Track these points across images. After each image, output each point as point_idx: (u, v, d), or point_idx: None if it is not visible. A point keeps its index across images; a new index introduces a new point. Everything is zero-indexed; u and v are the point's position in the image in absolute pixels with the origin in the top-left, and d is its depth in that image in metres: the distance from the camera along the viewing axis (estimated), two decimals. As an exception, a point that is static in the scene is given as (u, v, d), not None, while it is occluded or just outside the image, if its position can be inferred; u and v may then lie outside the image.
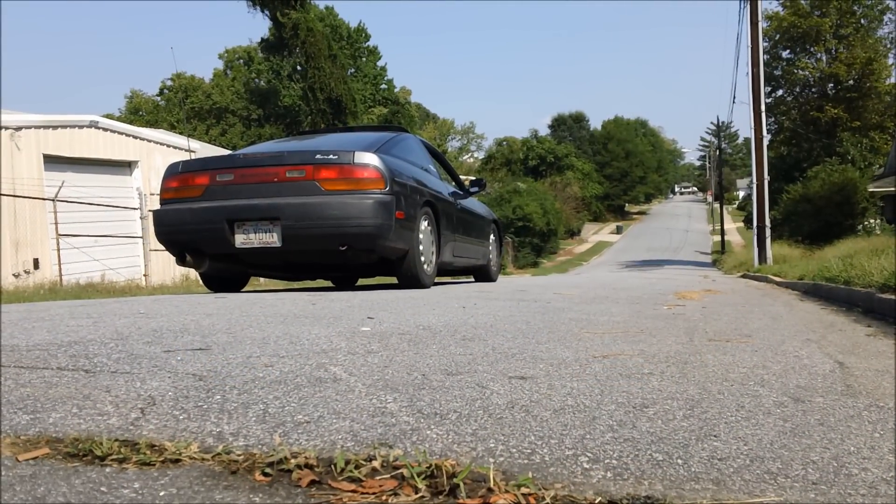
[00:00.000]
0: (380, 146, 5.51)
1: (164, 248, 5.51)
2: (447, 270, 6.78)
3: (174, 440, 1.36)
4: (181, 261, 5.49)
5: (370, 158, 4.99)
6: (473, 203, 7.29)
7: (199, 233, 5.08)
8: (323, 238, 4.93)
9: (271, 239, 4.93)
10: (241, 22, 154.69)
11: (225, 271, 5.68)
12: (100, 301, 5.00)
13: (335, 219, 4.84)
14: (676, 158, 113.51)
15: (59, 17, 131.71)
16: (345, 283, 6.29)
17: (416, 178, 5.60)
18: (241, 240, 4.99)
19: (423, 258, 5.56)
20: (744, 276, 12.63)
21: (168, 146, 15.36)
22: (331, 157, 4.98)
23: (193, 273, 14.66)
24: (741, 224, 53.88)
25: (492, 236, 7.77)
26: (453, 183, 7.15)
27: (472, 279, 8.10)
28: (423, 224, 5.56)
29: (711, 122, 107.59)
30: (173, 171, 5.35)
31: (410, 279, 5.57)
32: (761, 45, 15.10)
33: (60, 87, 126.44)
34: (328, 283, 7.78)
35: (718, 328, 3.36)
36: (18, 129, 11.81)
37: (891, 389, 1.98)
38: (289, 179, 4.94)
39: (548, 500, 1.12)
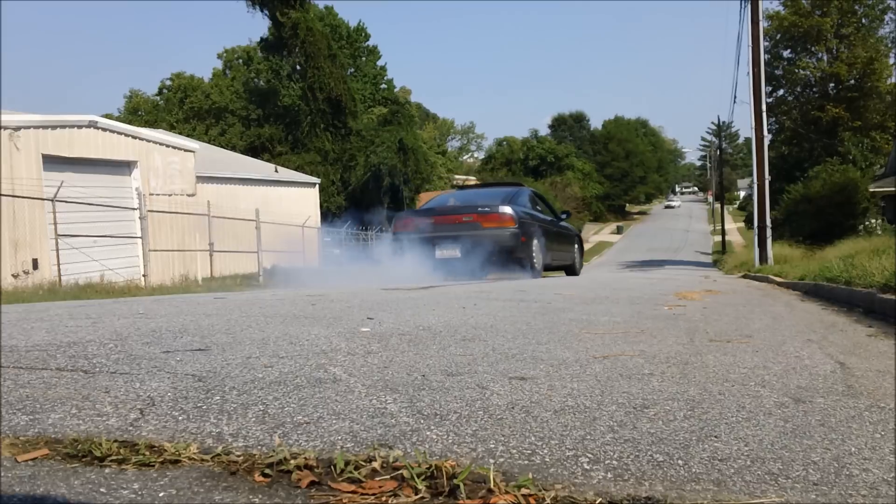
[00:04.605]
0: (510, 198, 9.08)
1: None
2: (549, 267, 9.93)
3: (173, 441, 1.36)
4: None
5: (506, 209, 8.62)
6: (564, 225, 11.16)
7: (421, 250, 8.78)
8: (485, 250, 8.39)
9: (455, 253, 8.57)
10: (241, 22, 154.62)
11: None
12: (99, 301, 5.00)
13: (489, 242, 8.39)
14: (677, 158, 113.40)
15: (59, 17, 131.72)
16: (477, 274, 9.22)
17: (530, 214, 9.23)
18: (439, 253, 8.67)
19: (535, 261, 8.94)
20: (744, 277, 12.62)
21: (167, 146, 15.35)
22: (486, 209, 8.67)
23: (192, 273, 14.69)
24: (742, 224, 53.87)
25: (575, 245, 11.50)
26: (550, 213, 10.71)
27: (564, 273, 11.45)
28: (535, 242, 8.97)
29: (712, 122, 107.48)
30: (402, 217, 9.71)
31: (529, 272, 8.75)
32: (762, 44, 15.05)
33: (60, 87, 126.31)
34: (329, 286, 7.98)
35: (719, 328, 3.36)
36: (17, 129, 11.80)
37: (892, 390, 1.97)
38: (464, 221, 8.69)
39: (548, 500, 1.12)
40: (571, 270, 11.22)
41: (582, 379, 2.04)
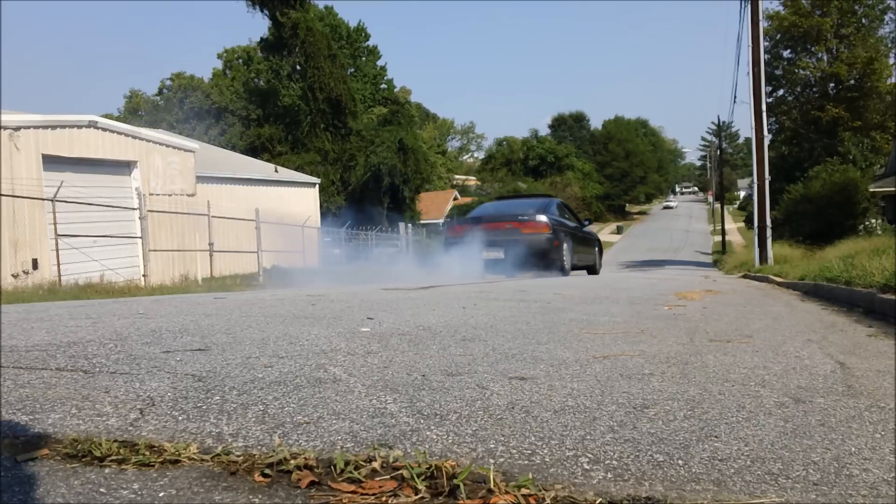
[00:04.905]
0: (545, 208, 10.82)
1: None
2: (575, 267, 11.35)
3: (173, 441, 1.36)
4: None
5: (542, 217, 10.30)
6: (587, 230, 12.72)
7: (471, 252, 10.39)
8: (524, 253, 9.99)
9: (499, 255, 10.11)
10: (241, 22, 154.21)
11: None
12: (99, 301, 5.01)
13: (528, 246, 10.01)
14: (677, 158, 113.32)
15: (59, 17, 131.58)
16: (517, 272, 10.54)
17: (560, 221, 10.82)
18: (485, 255, 10.23)
19: (565, 262, 10.46)
20: (745, 277, 12.62)
21: (167, 146, 15.34)
22: (525, 217, 10.35)
23: (192, 273, 14.68)
24: (742, 224, 53.87)
25: (596, 248, 13.17)
26: (575, 220, 12.27)
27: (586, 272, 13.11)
28: (565, 245, 10.49)
29: (712, 122, 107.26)
30: (454, 224, 11.92)
31: (559, 271, 10.30)
32: (762, 44, 15.03)
33: (60, 87, 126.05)
34: (335, 288, 7.99)
35: (719, 329, 3.36)
36: (17, 129, 11.80)
37: (892, 390, 1.97)
38: (506, 227, 10.28)
39: (548, 500, 1.12)
40: (592, 270, 12.74)
41: (582, 379, 2.04)
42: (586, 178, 65.49)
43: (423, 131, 60.03)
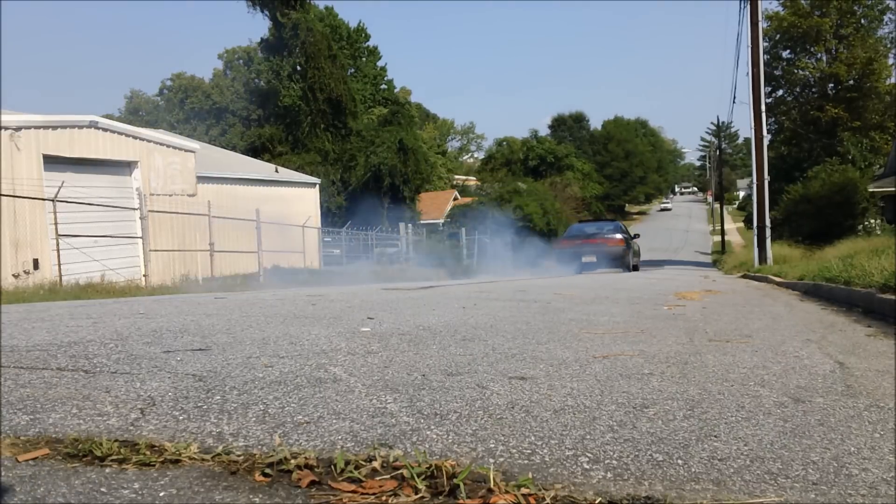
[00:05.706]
0: (618, 229, 17.45)
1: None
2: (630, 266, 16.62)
3: (174, 441, 1.36)
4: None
5: (619, 234, 16.84)
6: (635, 241, 18.02)
7: (573, 256, 16.70)
8: (608, 258, 16.18)
9: (593, 259, 16.12)
10: (241, 22, 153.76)
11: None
12: (99, 301, 5.01)
13: (611, 253, 16.21)
14: (676, 158, 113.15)
15: (60, 17, 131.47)
16: (604, 269, 15.86)
17: (626, 237, 16.89)
18: (584, 259, 16.21)
19: (630, 263, 16.38)
20: (744, 277, 12.62)
21: (168, 146, 15.34)
22: (608, 235, 16.77)
23: (193, 273, 14.69)
24: (741, 224, 53.87)
25: (638, 254, 18.75)
26: (629, 235, 17.32)
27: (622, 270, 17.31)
28: (630, 252, 16.51)
29: (712, 122, 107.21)
30: (561, 239, 18.53)
31: (626, 269, 15.99)
32: (761, 45, 15.04)
33: (60, 87, 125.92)
34: (336, 288, 7.98)
35: (719, 328, 3.36)
36: (18, 129, 11.80)
37: (891, 390, 1.98)
38: (597, 242, 16.48)
39: (548, 500, 1.12)
40: (636, 269, 17.80)
41: (582, 379, 2.04)
42: (586, 179, 65.41)
43: (423, 131, 60.00)
